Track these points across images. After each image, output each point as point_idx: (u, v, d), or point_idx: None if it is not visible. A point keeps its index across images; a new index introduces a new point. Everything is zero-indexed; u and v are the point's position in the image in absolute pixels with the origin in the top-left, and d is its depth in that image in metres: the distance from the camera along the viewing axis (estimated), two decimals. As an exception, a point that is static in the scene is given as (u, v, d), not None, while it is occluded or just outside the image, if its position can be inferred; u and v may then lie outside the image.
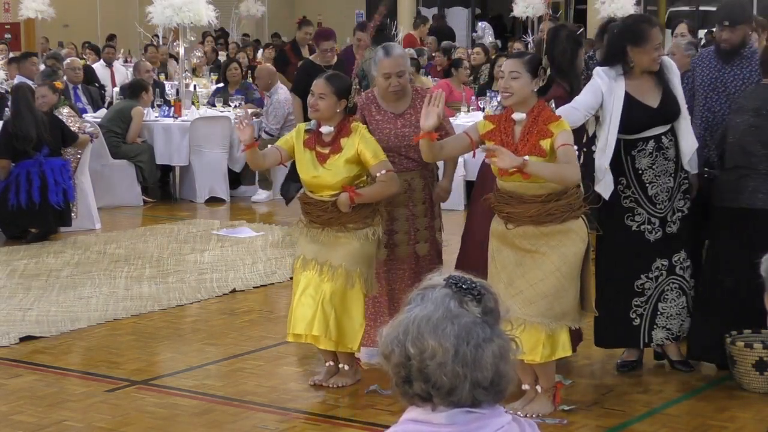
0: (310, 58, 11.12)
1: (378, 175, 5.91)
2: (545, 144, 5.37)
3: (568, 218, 5.44)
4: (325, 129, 5.97)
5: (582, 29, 6.87)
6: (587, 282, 5.60)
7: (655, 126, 6.10)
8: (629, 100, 6.02)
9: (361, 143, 5.92)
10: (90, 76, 15.50)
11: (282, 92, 12.48)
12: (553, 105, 5.72)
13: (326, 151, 5.95)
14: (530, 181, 5.38)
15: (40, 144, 10.04)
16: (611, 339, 6.31)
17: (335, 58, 10.81)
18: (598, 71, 6.10)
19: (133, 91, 12.68)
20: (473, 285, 2.28)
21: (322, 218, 6.00)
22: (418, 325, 2.23)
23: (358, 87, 6.10)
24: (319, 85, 5.99)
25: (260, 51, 21.96)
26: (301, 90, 10.32)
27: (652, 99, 6.07)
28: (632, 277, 6.16)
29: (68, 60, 14.90)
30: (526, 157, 5.26)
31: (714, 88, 6.60)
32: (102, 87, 15.75)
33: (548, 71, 5.55)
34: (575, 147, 5.47)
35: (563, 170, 5.32)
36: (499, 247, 5.57)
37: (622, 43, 6.07)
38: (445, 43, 18.20)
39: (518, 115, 5.44)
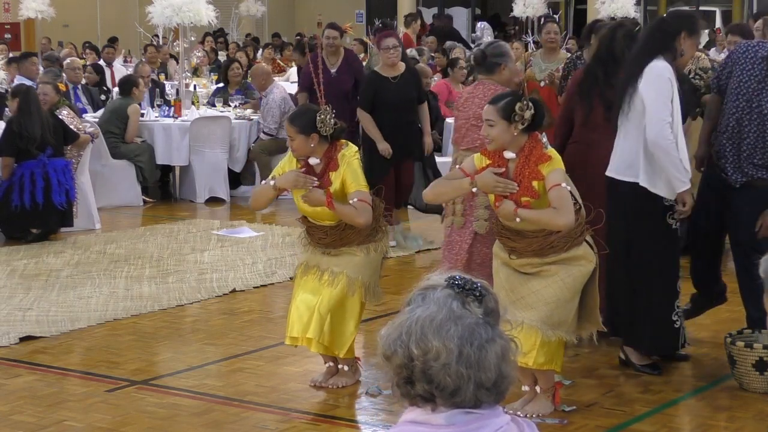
0: (376, 68, 9.82)
1: (351, 201, 5.86)
2: (537, 185, 5.37)
3: (570, 247, 5.45)
4: (313, 161, 5.93)
5: (639, 27, 6.95)
6: (592, 298, 5.61)
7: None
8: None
9: (345, 172, 5.90)
10: (101, 77, 15.50)
11: (277, 91, 12.47)
12: (545, 139, 5.68)
13: (317, 184, 5.94)
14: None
15: (44, 145, 10.05)
16: (666, 346, 6.30)
17: (399, 57, 9.57)
18: (666, 68, 5.98)
19: (125, 88, 12.60)
20: (474, 285, 2.28)
21: (325, 241, 6.02)
22: (421, 326, 2.23)
23: (327, 108, 5.97)
24: (286, 128, 5.99)
25: (260, 51, 21.96)
26: (368, 104, 9.53)
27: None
28: (675, 278, 6.18)
29: (68, 60, 14.90)
30: (518, 219, 5.32)
31: (749, 100, 6.27)
32: (108, 90, 15.74)
33: (527, 113, 5.42)
34: (567, 186, 5.44)
35: (554, 218, 5.31)
36: (503, 265, 5.60)
37: (679, 28, 6.06)
38: (448, 43, 18.19)
39: (508, 154, 5.43)
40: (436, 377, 2.22)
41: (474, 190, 5.47)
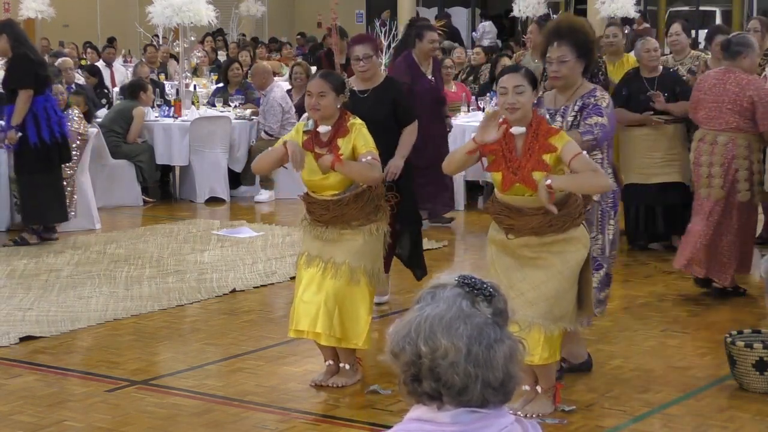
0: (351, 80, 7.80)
1: (363, 159, 5.92)
2: (548, 158, 5.33)
3: (569, 227, 5.43)
4: (323, 129, 5.97)
5: None
6: (586, 285, 5.60)
7: None
8: None
9: (357, 138, 5.94)
10: (99, 78, 15.51)
11: (277, 90, 12.45)
12: (547, 116, 5.70)
13: (324, 152, 5.95)
14: (532, 194, 5.38)
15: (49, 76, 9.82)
16: None
17: (372, 69, 7.42)
18: None
19: (132, 91, 12.69)
20: (484, 285, 2.28)
21: (325, 217, 6.00)
22: (430, 324, 2.23)
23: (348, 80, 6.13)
24: (317, 84, 5.97)
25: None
26: None
27: None
28: None
29: (60, 60, 14.88)
30: (548, 181, 5.22)
31: None
32: (108, 90, 15.74)
33: (542, 83, 5.52)
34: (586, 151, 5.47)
35: (595, 179, 5.26)
36: (499, 254, 5.57)
37: None
38: (446, 43, 18.20)
39: (518, 130, 5.37)
40: (444, 375, 2.22)
41: (473, 145, 5.38)
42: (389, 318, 7.19)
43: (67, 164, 10.27)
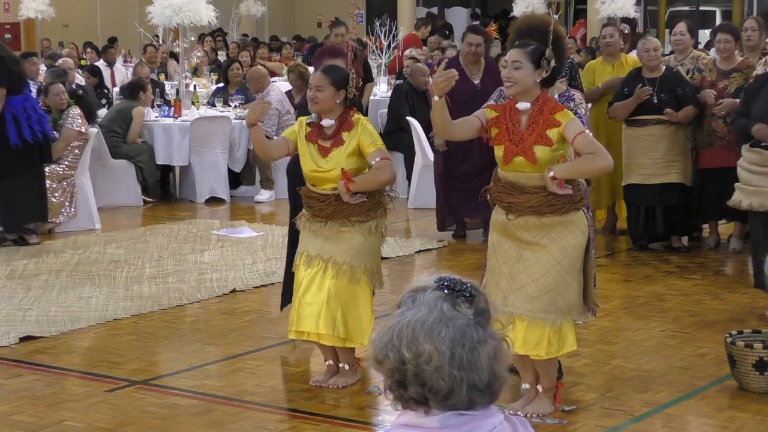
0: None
1: (373, 162, 5.92)
2: (552, 133, 5.36)
3: (569, 210, 5.43)
4: (326, 122, 5.98)
5: None
6: (588, 275, 5.59)
7: None
8: None
9: (362, 134, 5.94)
10: (100, 78, 15.50)
11: (274, 93, 12.43)
12: (557, 96, 5.73)
13: (328, 144, 5.96)
14: (534, 171, 5.39)
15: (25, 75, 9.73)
16: None
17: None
18: None
19: (132, 91, 12.68)
20: (464, 286, 2.26)
21: (325, 212, 6.00)
22: (412, 329, 2.22)
23: (355, 77, 6.08)
24: (316, 78, 6.00)
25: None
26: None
27: None
28: None
29: (60, 60, 14.87)
30: (551, 173, 5.30)
31: None
32: (108, 90, 15.73)
33: (552, 62, 5.50)
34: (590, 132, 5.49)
35: (594, 162, 5.37)
36: (500, 240, 5.55)
37: None
38: (444, 42, 18.23)
39: (523, 105, 5.43)
40: (429, 380, 2.21)
41: (436, 99, 5.39)
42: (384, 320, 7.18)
43: (66, 164, 10.27)
